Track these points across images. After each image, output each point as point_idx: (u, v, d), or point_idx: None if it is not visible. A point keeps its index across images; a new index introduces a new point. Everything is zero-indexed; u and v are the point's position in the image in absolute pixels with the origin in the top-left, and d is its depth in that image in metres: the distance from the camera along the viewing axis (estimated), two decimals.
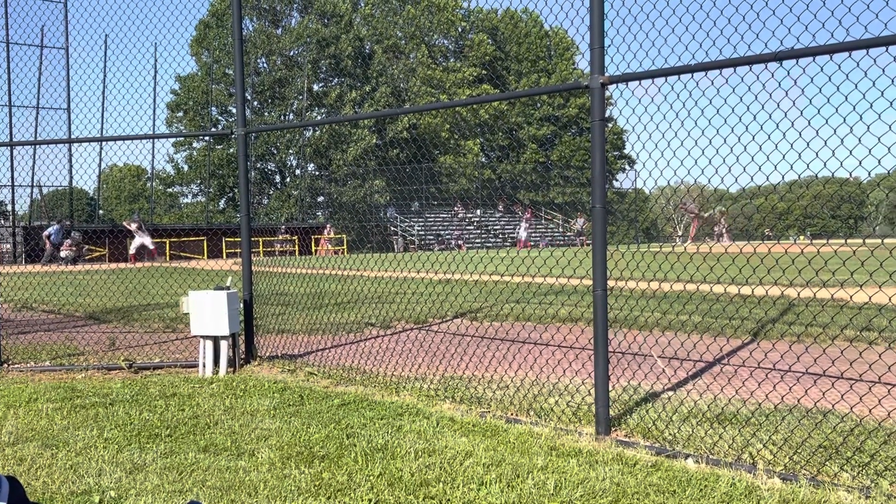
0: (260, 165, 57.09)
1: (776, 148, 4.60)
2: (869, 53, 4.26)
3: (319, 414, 5.84)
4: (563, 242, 53.29)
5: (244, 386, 6.94)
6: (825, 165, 4.47)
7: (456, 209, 57.60)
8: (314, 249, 39.88)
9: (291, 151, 56.52)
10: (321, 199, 56.02)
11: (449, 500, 4.01)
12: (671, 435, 5.00)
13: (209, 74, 54.09)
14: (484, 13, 65.51)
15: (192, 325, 7.80)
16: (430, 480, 4.26)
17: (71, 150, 28.69)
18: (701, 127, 4.98)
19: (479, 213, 58.84)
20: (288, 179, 59.24)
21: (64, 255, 30.78)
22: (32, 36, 34.75)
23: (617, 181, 68.34)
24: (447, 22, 63.02)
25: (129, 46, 52.67)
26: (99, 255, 35.02)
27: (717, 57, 4.85)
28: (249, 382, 7.10)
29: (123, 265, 25.52)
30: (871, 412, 4.99)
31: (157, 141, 57.09)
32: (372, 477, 4.34)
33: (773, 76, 4.63)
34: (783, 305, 10.48)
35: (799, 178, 4.73)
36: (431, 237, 51.17)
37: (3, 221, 36.15)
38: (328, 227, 45.23)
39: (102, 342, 9.47)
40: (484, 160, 64.96)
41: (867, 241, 5.43)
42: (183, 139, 58.45)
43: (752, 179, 4.88)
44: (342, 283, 10.17)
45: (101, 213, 49.47)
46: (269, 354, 8.34)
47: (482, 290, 13.71)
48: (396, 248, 47.00)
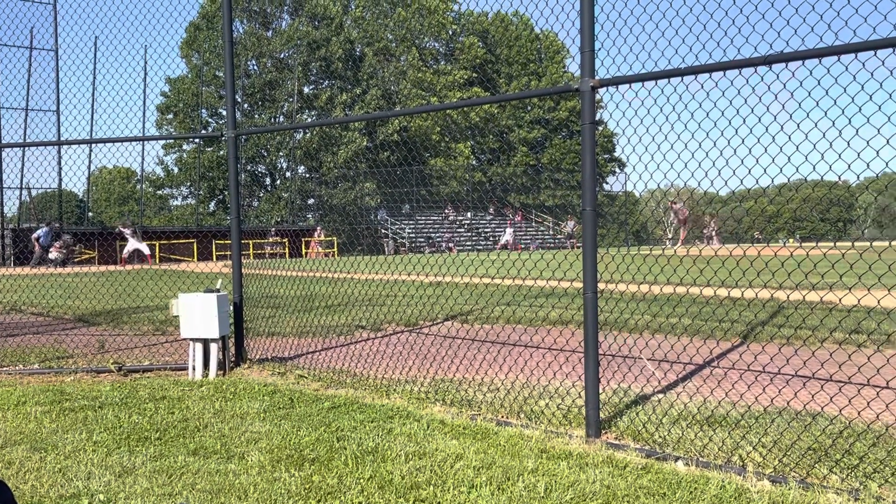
0: (250, 168, 56.99)
1: (765, 151, 4.62)
2: (858, 57, 4.28)
3: (309, 417, 5.83)
4: (553, 245, 53.37)
5: (234, 389, 6.92)
6: (814, 169, 4.49)
7: (446, 212, 57.63)
8: (304, 252, 39.83)
9: (282, 154, 56.45)
10: (311, 201, 55.95)
11: (439, 502, 4.01)
12: (661, 437, 5.01)
13: (199, 76, 53.99)
14: (475, 16, 65.60)
15: (181, 327, 7.78)
16: (420, 483, 4.26)
17: (60, 152, 28.63)
18: (691, 130, 5.00)
19: (469, 215, 58.87)
20: (278, 182, 59.16)
21: (53, 257, 30.65)
22: (21, 37, 34.61)
23: (607, 184, 68.51)
24: (438, 25, 63.07)
25: (118, 48, 52.64)
26: (88, 257, 34.87)
27: (706, 60, 4.87)
28: (239, 385, 7.08)
29: (113, 267, 25.42)
30: (859, 414, 5.01)
31: (146, 143, 56.93)
32: (362, 480, 4.33)
33: (762, 80, 4.65)
34: (773, 308, 10.51)
35: (788, 181, 4.74)
36: (422, 240, 51.17)
37: None
38: (318, 229, 45.19)
39: (92, 345, 9.43)
40: (475, 163, 65.01)
41: (856, 243, 5.47)
42: (173, 141, 58.32)
43: (741, 183, 4.90)
44: (332, 285, 10.16)
45: (90, 215, 49.28)
46: (259, 357, 8.32)
47: (473, 292, 13.72)
48: (387, 250, 46.97)
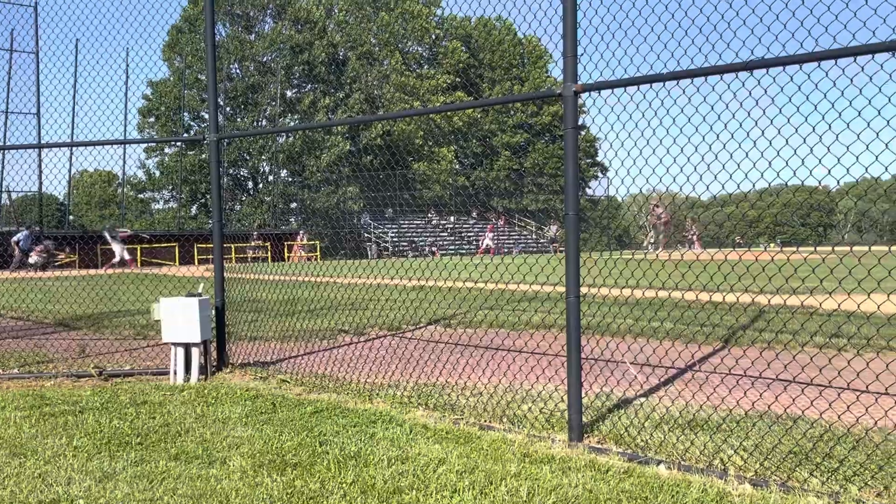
0: (232, 171, 56.78)
1: (747, 156, 4.66)
2: (838, 63, 4.32)
3: (292, 421, 5.81)
4: (536, 249, 53.46)
5: (216, 393, 6.88)
6: (795, 174, 4.52)
7: (430, 216, 57.62)
8: (287, 256, 39.70)
9: (264, 157, 56.26)
10: (294, 205, 55.80)
11: None
12: (643, 441, 5.03)
13: (181, 80, 53.74)
14: (458, 21, 65.66)
15: (163, 331, 7.73)
16: (403, 488, 4.25)
17: (41, 155, 28.29)
18: (672, 135, 5.03)
19: (452, 219, 58.88)
20: (261, 185, 58.97)
21: (33, 261, 30.41)
22: (1, 40, 34.36)
23: (590, 188, 68.63)
24: (421, 29, 63.11)
25: (100, 51, 52.25)
26: (69, 261, 34.62)
27: (688, 66, 4.90)
28: (221, 390, 7.05)
29: (94, 271, 25.25)
30: (840, 418, 5.05)
31: (128, 146, 56.65)
32: (345, 485, 4.32)
33: (743, 85, 4.68)
34: (754, 312, 10.57)
35: (769, 186, 4.78)
36: (405, 244, 51.13)
37: None
38: (301, 233, 45.06)
39: (72, 349, 9.36)
40: (458, 167, 65.05)
41: (836, 248, 5.51)
42: (154, 145, 57.98)
43: (723, 187, 4.93)
44: (315, 289, 10.13)
45: (71, 218, 48.93)
46: (241, 361, 8.29)
47: (456, 296, 13.71)
48: (370, 254, 46.90)
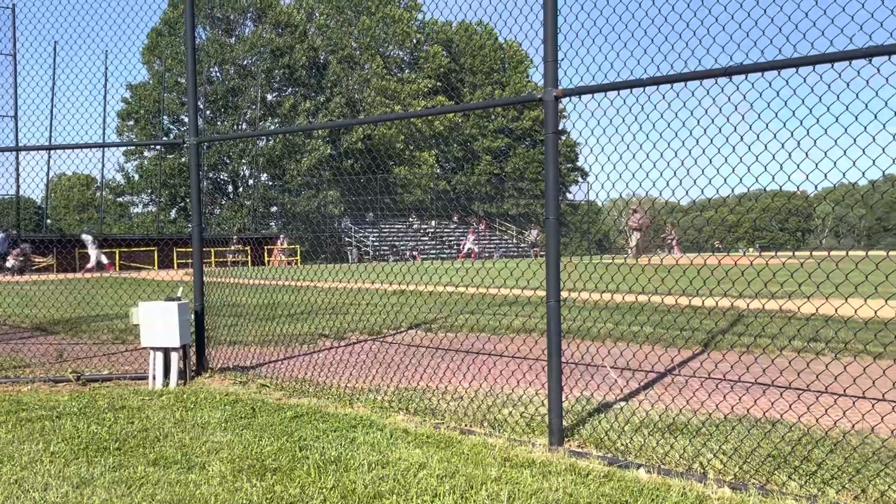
0: (212, 175, 56.54)
1: (726, 161, 4.68)
2: (815, 69, 4.35)
3: (272, 426, 5.78)
4: (516, 254, 53.56)
5: (195, 398, 6.84)
6: (773, 179, 4.56)
7: (411, 220, 57.61)
8: (267, 260, 39.57)
9: (244, 161, 56.05)
10: (274, 209, 55.62)
11: None
12: (623, 445, 5.04)
13: (161, 83, 53.45)
14: (439, 25, 65.76)
15: (142, 336, 7.68)
16: (383, 493, 4.24)
17: (18, 158, 28.11)
18: (652, 140, 5.05)
19: (433, 224, 58.90)
20: (241, 189, 58.74)
21: (10, 265, 30.15)
22: None
23: (570, 193, 68.89)
24: (402, 33, 63.14)
25: (78, 53, 51.80)
26: (46, 265, 34.33)
27: (668, 71, 4.92)
28: (200, 394, 7.01)
29: (72, 275, 25.04)
30: (818, 422, 5.08)
31: (107, 150, 56.21)
32: (325, 490, 4.30)
33: (722, 91, 4.72)
34: (732, 316, 10.63)
35: (748, 191, 4.81)
36: (386, 248, 51.09)
37: None
38: (282, 237, 44.93)
39: (49, 354, 9.28)
40: (439, 171, 65.09)
41: (814, 253, 5.55)
42: (134, 148, 57.60)
43: (702, 192, 4.96)
44: (295, 294, 10.10)
45: (48, 222, 48.54)
46: (220, 366, 8.24)
47: (437, 301, 13.72)
48: (351, 258, 46.82)
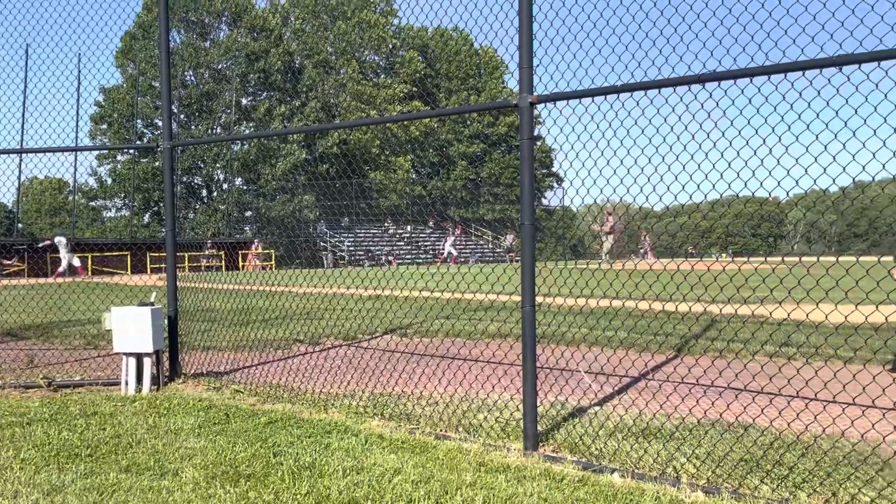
0: (186, 179, 56.15)
1: (699, 167, 4.72)
2: (787, 77, 4.40)
3: (246, 432, 5.75)
4: (492, 259, 53.66)
5: (168, 404, 6.79)
6: (746, 185, 4.60)
7: (386, 225, 57.55)
8: (241, 265, 39.37)
9: (219, 165, 55.74)
10: (249, 213, 55.35)
11: None
12: (598, 450, 5.06)
13: (135, 86, 53.05)
14: (415, 31, 65.78)
15: (114, 341, 7.61)
16: (358, 498, 4.23)
17: None
18: (626, 146, 5.09)
19: (409, 228, 58.87)
20: (215, 193, 58.41)
21: None
22: None
23: (545, 199, 69.06)
24: (378, 38, 63.11)
25: (51, 56, 51.37)
26: (18, 269, 33.93)
27: (642, 78, 4.96)
28: (174, 400, 6.96)
29: (43, 280, 24.76)
30: (789, 426, 5.13)
31: (79, 154, 55.67)
32: (299, 496, 4.28)
33: (695, 98, 4.76)
34: (706, 322, 10.71)
35: (721, 197, 4.85)
36: (361, 253, 50.98)
37: None
38: (256, 242, 44.71)
39: (20, 359, 9.17)
40: (414, 176, 65.08)
41: (786, 258, 5.61)
42: (107, 152, 57.10)
43: (675, 198, 4.99)
44: (270, 299, 10.05)
45: (20, 226, 47.97)
46: (194, 372, 8.18)
47: (412, 306, 13.70)
48: (326, 263, 46.67)
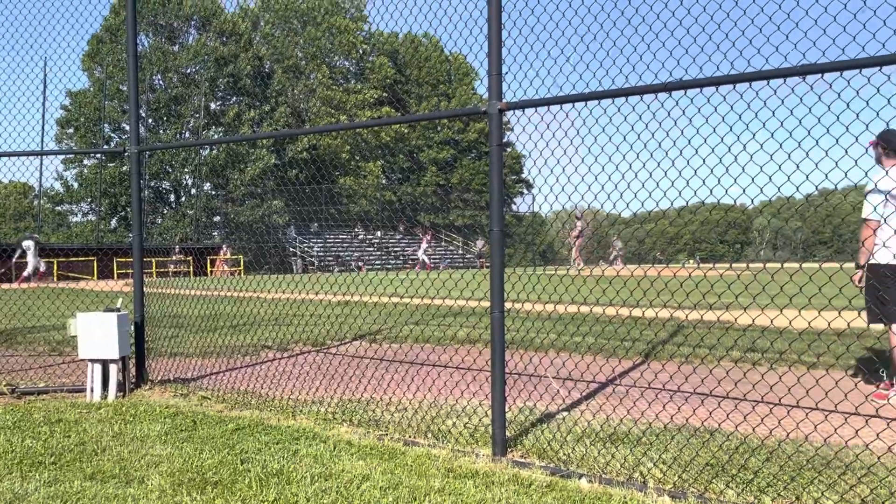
0: (154, 184, 55.66)
1: (665, 175, 4.77)
2: (752, 86, 4.46)
3: (213, 439, 5.71)
4: (462, 264, 53.75)
5: (134, 411, 6.73)
6: (711, 192, 4.65)
7: (356, 231, 57.44)
8: (210, 270, 39.09)
9: (187, 170, 55.32)
10: (217, 219, 54.98)
11: None
12: (566, 455, 5.09)
13: (102, 90, 52.53)
14: (385, 36, 65.76)
15: (79, 348, 7.53)
16: None
17: None
18: (594, 154, 5.13)
19: (379, 234, 58.80)
20: (183, 199, 57.94)
21: None
22: None
23: (515, 205, 69.38)
24: (348, 44, 63.01)
25: (16, 59, 50.70)
26: None
27: (609, 86, 5.01)
28: (140, 407, 6.89)
29: (7, 285, 24.42)
30: (754, 430, 5.19)
31: (45, 158, 55.07)
32: (267, 503, 4.26)
33: (662, 106, 4.81)
34: (672, 327, 10.80)
35: (687, 203, 4.90)
36: (331, 258, 50.85)
37: None
38: (224, 247, 44.42)
39: None
40: (385, 182, 65.03)
41: (751, 265, 5.68)
42: (73, 156, 56.46)
43: (642, 205, 5.04)
44: (238, 304, 9.99)
45: None
46: (161, 378, 8.11)
47: (381, 311, 13.69)
48: (295, 269, 46.48)
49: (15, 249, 32.21)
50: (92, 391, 7.43)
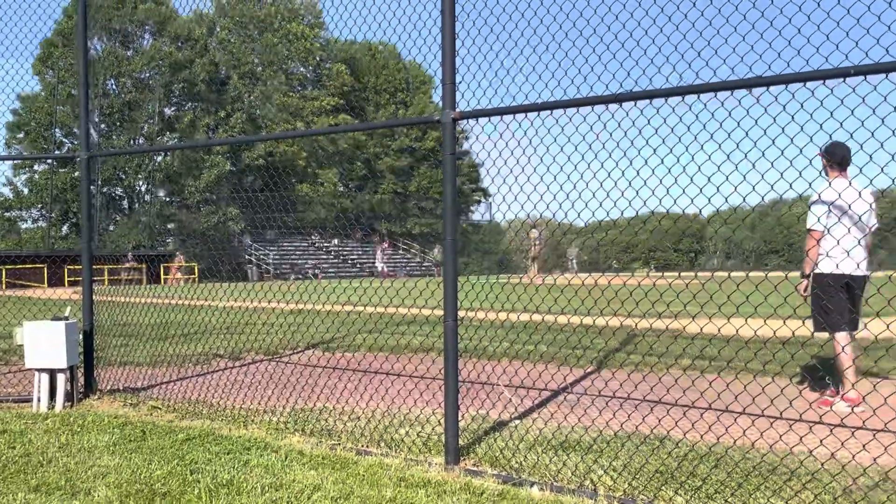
0: (107, 190, 54.82)
1: (615, 185, 4.83)
2: (700, 98, 4.54)
3: (162, 449, 5.64)
4: (419, 273, 53.76)
5: (82, 421, 6.62)
6: (661, 202, 4.72)
7: (313, 238, 57.14)
8: (164, 278, 38.63)
9: (141, 176, 54.60)
10: (172, 225, 54.33)
11: None
12: (518, 463, 5.11)
13: (53, 95, 51.65)
14: (342, 44, 65.57)
15: (26, 357, 7.39)
16: None
17: None
18: (546, 163, 5.18)
19: (335, 242, 58.55)
20: (137, 205, 57.15)
21: None
22: None
23: (472, 212, 69.51)
24: (305, 50, 62.68)
25: None
26: None
27: (562, 97, 5.06)
28: (88, 417, 6.78)
29: None
30: (702, 438, 5.26)
31: None
32: None
33: (613, 117, 4.87)
34: (623, 335, 10.89)
35: (636, 213, 4.96)
36: (287, 266, 50.52)
37: None
38: (178, 254, 43.92)
39: None
40: (342, 189, 64.74)
41: (699, 274, 5.77)
42: (23, 161, 55.39)
43: (593, 215, 5.08)
44: (190, 313, 9.88)
45: None
46: (110, 388, 7.99)
47: (335, 320, 13.63)
48: (251, 276, 46.09)
49: None
50: (39, 401, 7.30)
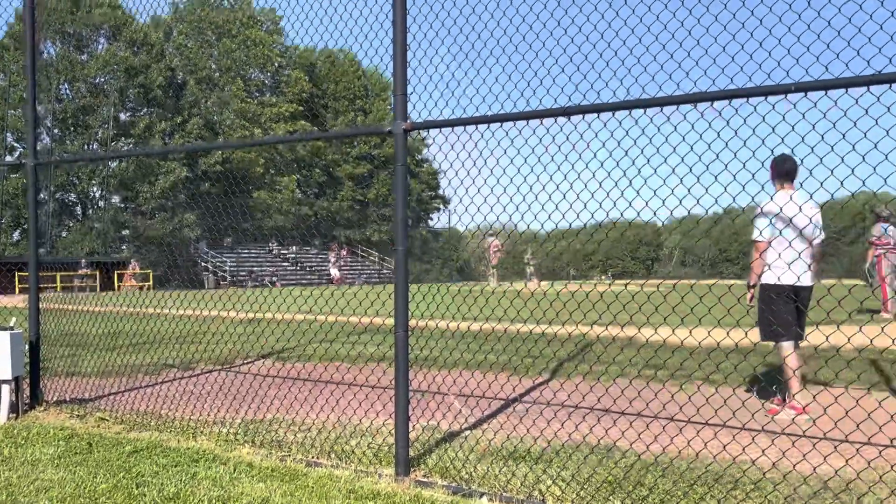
0: (59, 196, 53.96)
1: (564, 197, 4.87)
2: (663, 111, 4.61)
3: (108, 462, 5.56)
4: (378, 280, 53.65)
5: (27, 433, 6.50)
6: (618, 211, 4.79)
7: (270, 245, 56.75)
8: (118, 285, 38.11)
9: (94, 182, 53.80)
10: (126, 232, 53.59)
11: None
12: (468, 474, 5.12)
13: (5, 99, 50.74)
14: (301, 51, 65.33)
15: None
16: None
17: None
18: (496, 175, 5.22)
19: (294, 249, 58.22)
20: (90, 211, 56.31)
21: None
22: None
23: (432, 220, 69.59)
24: (264, 57, 62.31)
25: None
26: None
27: (511, 109, 5.11)
28: (33, 429, 6.66)
29: None
30: (648, 448, 5.32)
31: None
32: None
33: (561, 130, 4.92)
34: (573, 344, 10.94)
35: (584, 225, 5.02)
36: (244, 273, 50.11)
37: None
38: (133, 262, 43.37)
39: None
40: (300, 196, 64.39)
41: (650, 281, 5.84)
42: None
43: (546, 221, 5.12)
44: (141, 322, 9.75)
45: None
46: (56, 399, 7.86)
47: (287, 329, 13.53)
48: (207, 284, 45.64)
49: None
50: None
